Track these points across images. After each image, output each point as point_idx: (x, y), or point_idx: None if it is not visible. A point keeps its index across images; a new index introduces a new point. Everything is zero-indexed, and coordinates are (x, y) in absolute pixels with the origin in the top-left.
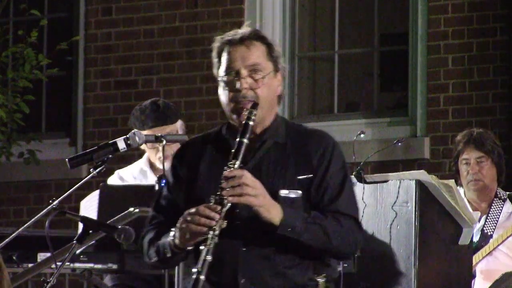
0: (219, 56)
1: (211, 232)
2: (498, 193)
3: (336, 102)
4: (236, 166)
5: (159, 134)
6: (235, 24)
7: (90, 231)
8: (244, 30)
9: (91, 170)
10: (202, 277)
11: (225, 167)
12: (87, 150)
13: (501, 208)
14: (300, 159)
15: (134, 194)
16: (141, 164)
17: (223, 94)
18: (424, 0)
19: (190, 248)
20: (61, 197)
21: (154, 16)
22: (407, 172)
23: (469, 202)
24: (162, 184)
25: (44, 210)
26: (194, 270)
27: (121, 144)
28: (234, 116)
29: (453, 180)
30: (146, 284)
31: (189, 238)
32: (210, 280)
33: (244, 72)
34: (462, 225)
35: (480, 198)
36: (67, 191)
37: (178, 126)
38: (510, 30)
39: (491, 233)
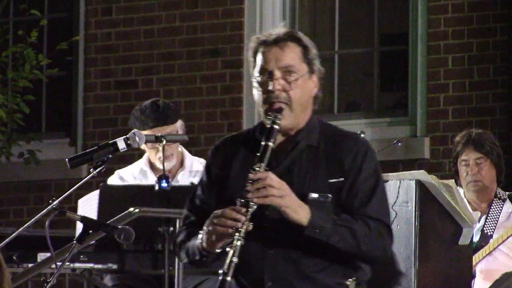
0: (254, 56)
1: (237, 234)
2: (497, 193)
3: (336, 102)
4: (261, 169)
5: (159, 134)
6: (235, 24)
7: (90, 231)
8: (280, 30)
9: (91, 170)
10: (229, 278)
11: (251, 170)
12: (87, 150)
13: (501, 208)
14: (332, 162)
15: (134, 194)
16: (141, 164)
17: (256, 95)
18: (424, 0)
19: (218, 250)
20: (61, 197)
21: (154, 16)
22: (407, 172)
23: (469, 202)
24: (162, 184)
25: (44, 210)
26: (220, 271)
27: (121, 144)
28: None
29: (453, 180)
30: (146, 284)
31: (215, 240)
32: (238, 281)
33: (277, 73)
34: (462, 225)
35: (479, 199)
36: (67, 191)
37: (178, 126)
38: (510, 30)
39: (491, 233)
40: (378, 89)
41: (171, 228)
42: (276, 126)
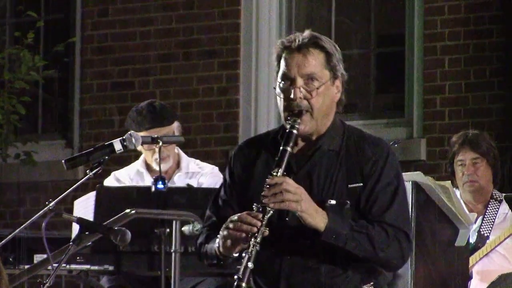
0: (278, 61)
1: (252, 240)
2: (494, 194)
3: None
4: (279, 174)
5: (156, 136)
6: (232, 26)
7: (87, 233)
8: (304, 35)
9: (87, 171)
10: (244, 284)
11: (268, 175)
12: (84, 152)
13: (497, 209)
14: (352, 167)
15: (130, 196)
16: (137, 165)
17: (278, 100)
18: (420, 1)
19: (235, 255)
20: (58, 199)
21: (150, 18)
22: (404, 173)
23: (465, 203)
24: (158, 186)
25: (41, 212)
26: (236, 277)
27: (117, 145)
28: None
29: (449, 182)
30: (143, 285)
31: (231, 245)
32: (256, 283)
33: (299, 81)
34: (459, 227)
35: (476, 200)
36: (64, 193)
37: (175, 127)
38: (506, 31)
39: (488, 234)
40: (374, 91)
41: (167, 230)
42: (294, 131)
